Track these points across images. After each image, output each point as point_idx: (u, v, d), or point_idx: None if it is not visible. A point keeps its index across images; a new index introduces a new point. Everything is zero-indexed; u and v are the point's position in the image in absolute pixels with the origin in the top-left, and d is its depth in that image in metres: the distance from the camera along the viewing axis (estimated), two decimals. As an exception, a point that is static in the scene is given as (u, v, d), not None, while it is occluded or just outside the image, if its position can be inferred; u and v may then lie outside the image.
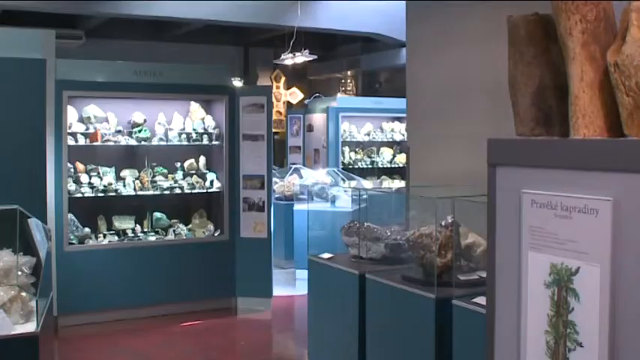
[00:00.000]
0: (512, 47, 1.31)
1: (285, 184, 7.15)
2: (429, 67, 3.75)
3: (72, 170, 4.94)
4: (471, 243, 2.70)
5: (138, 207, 5.23)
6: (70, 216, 4.82)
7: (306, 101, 9.98)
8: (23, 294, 2.34)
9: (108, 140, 5.00)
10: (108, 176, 5.06)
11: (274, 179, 6.88)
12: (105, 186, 4.98)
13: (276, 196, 6.89)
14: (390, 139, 8.86)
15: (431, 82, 3.74)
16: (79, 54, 7.12)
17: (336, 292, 3.34)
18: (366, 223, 3.42)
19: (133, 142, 5.11)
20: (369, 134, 8.81)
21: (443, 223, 2.76)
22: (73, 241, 4.81)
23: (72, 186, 4.86)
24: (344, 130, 8.71)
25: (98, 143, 4.98)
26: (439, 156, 3.63)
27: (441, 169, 3.56)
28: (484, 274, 2.37)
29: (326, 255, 3.60)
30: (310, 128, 9.06)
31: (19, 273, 2.40)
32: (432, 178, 3.52)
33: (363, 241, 3.32)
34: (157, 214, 5.29)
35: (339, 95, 11.14)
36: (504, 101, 1.49)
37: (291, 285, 6.01)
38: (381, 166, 8.73)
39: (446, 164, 3.54)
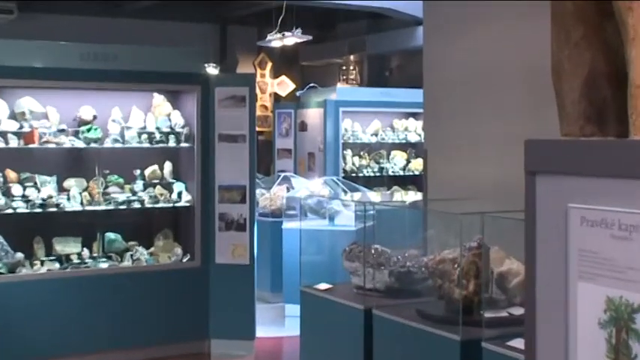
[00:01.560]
0: (557, 26, 1.30)
1: (271, 196, 7.23)
2: (452, 50, 3.76)
3: (1, 180, 4.93)
4: (506, 271, 2.70)
5: (86, 226, 5.22)
6: (-1, 237, 4.72)
7: (298, 93, 10.03)
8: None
9: (48, 142, 4.99)
10: (47, 187, 5.04)
11: (258, 190, 6.93)
12: (43, 199, 4.96)
13: (261, 211, 6.97)
14: (404, 141, 8.90)
15: (454, 70, 3.75)
16: (10, 32, 7.10)
17: (335, 331, 3.35)
18: (373, 246, 3.42)
19: (79, 144, 5.12)
20: (376, 134, 8.84)
21: (469, 246, 2.75)
22: (2, 270, 4.77)
23: (0, 200, 4.81)
24: (345, 130, 8.73)
25: (35, 145, 4.97)
26: (465, 161, 3.65)
27: (467, 178, 3.58)
28: (522, 311, 2.36)
29: (323, 285, 3.62)
30: (303, 127, 9.09)
31: None
32: (455, 190, 3.54)
33: (369, 268, 3.32)
34: (111, 235, 5.29)
35: (339, 85, 11.20)
36: (546, 92, 1.49)
37: (279, 323, 6.05)
38: (391, 173, 8.79)
39: (473, 172, 3.56)
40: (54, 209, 4.99)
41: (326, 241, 5.25)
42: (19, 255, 4.92)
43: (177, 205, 5.39)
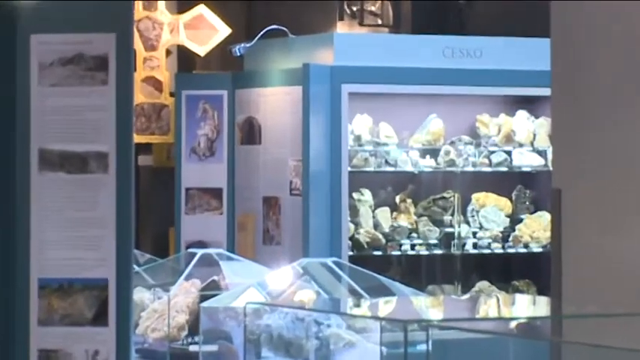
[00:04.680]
0: None
1: (168, 306, 7.33)
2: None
3: None
4: None
5: None
6: None
7: (238, 48, 10.18)
8: None
9: None
10: None
11: (140, 294, 7.14)
12: None
13: (143, 344, 7.11)
14: (503, 168, 9.20)
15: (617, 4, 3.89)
16: None
17: None
18: None
19: None
20: (434, 151, 9.10)
21: None
22: None
23: None
24: (357, 139, 9.01)
25: None
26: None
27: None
28: None
29: None
30: (251, 133, 9.43)
31: None
32: (630, 289, 3.65)
33: None
34: None
35: (340, 30, 11.39)
36: None
37: None
38: (473, 250, 9.03)
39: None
40: None
41: None
42: None
43: None
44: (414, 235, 8.97)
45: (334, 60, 8.96)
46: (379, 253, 8.81)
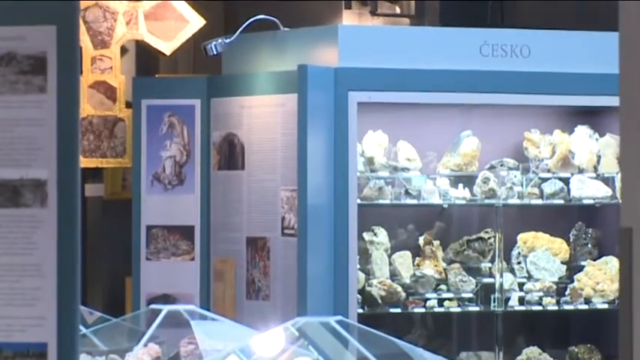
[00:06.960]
0: None
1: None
2: None
3: None
4: None
5: None
6: None
7: (213, 45, 9.79)
8: None
9: None
10: None
11: None
12: None
13: None
14: (560, 197, 8.79)
15: None
16: None
17: None
18: None
19: None
20: (467, 180, 8.84)
21: None
22: None
23: None
24: (369, 162, 8.66)
25: None
26: None
27: None
28: None
29: None
30: (232, 154, 9.04)
31: None
32: None
33: None
34: None
35: (344, 21, 11.39)
36: None
37: None
38: (519, 307, 8.58)
39: None
40: None
41: None
42: None
43: None
44: (443, 287, 8.37)
45: (339, 60, 8.40)
46: (397, 310, 8.18)
